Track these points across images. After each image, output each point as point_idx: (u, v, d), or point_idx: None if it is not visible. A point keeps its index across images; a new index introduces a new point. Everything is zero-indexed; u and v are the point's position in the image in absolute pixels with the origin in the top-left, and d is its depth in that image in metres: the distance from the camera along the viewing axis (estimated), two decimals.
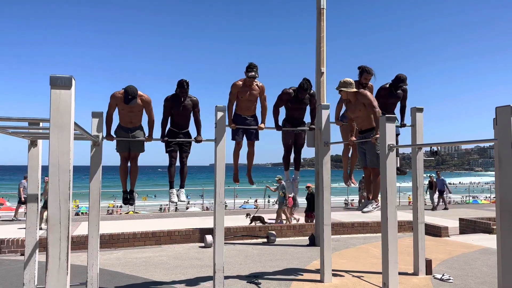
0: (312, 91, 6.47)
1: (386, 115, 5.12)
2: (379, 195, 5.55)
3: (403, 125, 6.74)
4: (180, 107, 5.98)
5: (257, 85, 6.22)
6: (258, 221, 10.98)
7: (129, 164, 6.15)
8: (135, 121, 5.87)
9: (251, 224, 9.61)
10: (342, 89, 5.88)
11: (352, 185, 7.27)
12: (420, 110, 6.81)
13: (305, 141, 7.00)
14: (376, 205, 5.93)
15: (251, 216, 8.95)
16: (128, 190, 6.30)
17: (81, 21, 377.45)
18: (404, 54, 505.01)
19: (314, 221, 10.64)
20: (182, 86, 5.87)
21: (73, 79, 2.91)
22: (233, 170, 6.64)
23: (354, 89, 5.87)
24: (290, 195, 12.21)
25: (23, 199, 13.74)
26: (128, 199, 6.28)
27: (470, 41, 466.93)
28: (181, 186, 6.32)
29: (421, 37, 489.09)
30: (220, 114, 5.94)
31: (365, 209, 6.12)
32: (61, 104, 2.86)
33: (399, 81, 6.48)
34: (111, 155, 6.39)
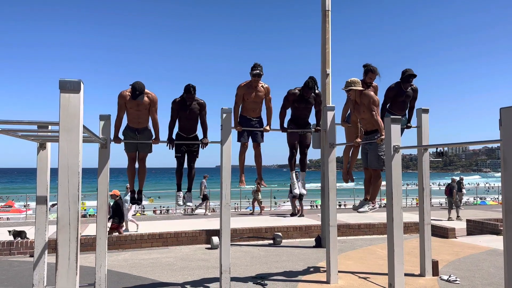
0: (318, 90, 6.47)
1: (391, 117, 5.13)
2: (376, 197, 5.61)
3: (408, 126, 6.71)
4: (187, 111, 6.00)
5: (262, 86, 6.25)
6: (19, 237, 9.60)
7: (137, 165, 6.20)
8: (142, 121, 5.91)
9: (15, 240, 8.76)
10: (351, 87, 5.81)
11: (350, 182, 7.18)
12: (426, 111, 6.80)
13: (311, 142, 6.94)
14: (373, 206, 5.93)
15: (13, 231, 8.75)
16: (135, 190, 6.36)
17: (89, 25, 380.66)
18: (409, 55, 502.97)
19: (122, 233, 10.11)
20: (189, 91, 5.86)
21: (81, 83, 2.97)
22: (239, 172, 6.59)
23: (361, 88, 5.85)
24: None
25: (201, 196, 16.79)
26: (136, 199, 6.33)
27: (476, 42, 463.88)
28: (189, 189, 6.38)
29: (426, 38, 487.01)
30: (225, 116, 5.98)
31: (360, 209, 6.09)
32: (70, 108, 2.92)
33: (408, 76, 6.33)
34: (118, 157, 6.45)
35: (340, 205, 23.31)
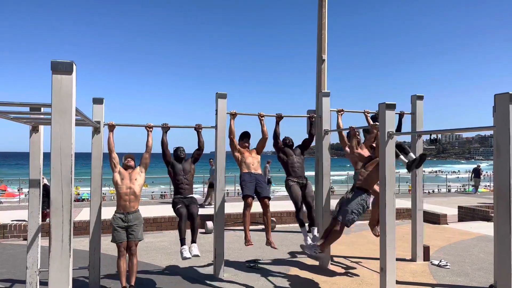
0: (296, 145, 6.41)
1: (386, 103, 5.11)
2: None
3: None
4: (181, 167, 5.79)
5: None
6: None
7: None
8: (133, 198, 5.51)
9: None
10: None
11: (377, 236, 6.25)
12: (421, 97, 6.81)
13: (314, 189, 6.52)
14: (319, 252, 5.47)
15: None
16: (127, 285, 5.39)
17: (82, 7, 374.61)
18: (404, 43, 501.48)
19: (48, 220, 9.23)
20: (177, 152, 5.82)
21: (74, 64, 2.93)
22: (244, 232, 5.91)
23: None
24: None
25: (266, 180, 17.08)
26: None
27: (471, 29, 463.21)
28: (193, 241, 5.78)
29: (421, 26, 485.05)
30: (220, 101, 5.95)
31: (306, 248, 5.58)
32: (62, 89, 2.88)
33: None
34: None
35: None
